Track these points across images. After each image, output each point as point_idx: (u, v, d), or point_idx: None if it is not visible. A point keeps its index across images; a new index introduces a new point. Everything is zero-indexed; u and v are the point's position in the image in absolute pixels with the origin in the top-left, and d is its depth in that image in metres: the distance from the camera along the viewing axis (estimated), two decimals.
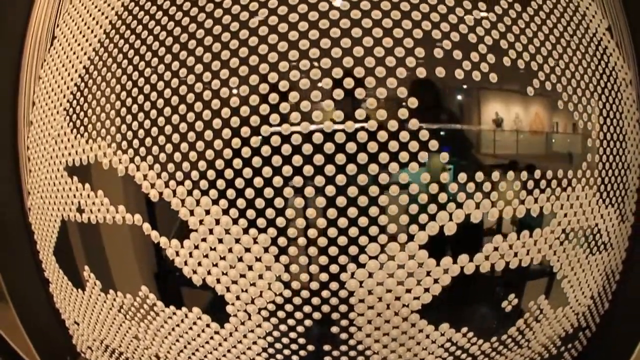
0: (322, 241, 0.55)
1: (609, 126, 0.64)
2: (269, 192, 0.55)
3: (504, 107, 0.56)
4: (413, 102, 0.55)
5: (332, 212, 0.54)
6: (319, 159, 0.52)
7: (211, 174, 0.57)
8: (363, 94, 0.54)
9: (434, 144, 0.55)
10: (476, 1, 0.57)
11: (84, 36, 0.73)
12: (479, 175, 0.54)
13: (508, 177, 0.55)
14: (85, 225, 0.70)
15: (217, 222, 0.58)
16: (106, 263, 0.70)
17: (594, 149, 0.62)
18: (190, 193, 0.58)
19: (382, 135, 0.52)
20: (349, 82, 0.54)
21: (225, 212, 0.57)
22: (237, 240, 0.58)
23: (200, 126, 0.57)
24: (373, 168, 0.52)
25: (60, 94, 0.74)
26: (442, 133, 0.57)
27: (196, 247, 0.60)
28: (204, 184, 0.57)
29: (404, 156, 0.54)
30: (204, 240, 0.59)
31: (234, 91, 0.55)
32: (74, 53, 0.73)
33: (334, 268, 0.56)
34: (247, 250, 0.57)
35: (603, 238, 0.65)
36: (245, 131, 0.55)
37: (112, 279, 0.70)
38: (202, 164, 0.57)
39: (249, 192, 0.55)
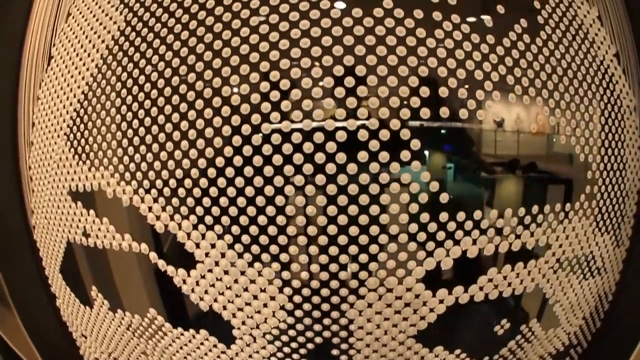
0: (324, 275, 0.59)
1: (610, 156, 0.67)
2: (272, 230, 0.58)
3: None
4: (415, 102, 0.57)
5: (333, 250, 0.57)
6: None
7: (215, 210, 0.59)
8: (365, 91, 0.56)
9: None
10: (484, 34, 0.58)
11: (80, 59, 0.73)
12: (477, 214, 0.57)
13: (506, 213, 0.57)
14: (91, 248, 0.72)
15: (223, 255, 0.61)
16: (114, 285, 0.73)
17: (593, 180, 0.65)
18: (195, 227, 0.61)
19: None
20: (349, 81, 0.56)
21: (231, 246, 0.60)
22: (243, 273, 0.61)
23: (204, 163, 0.59)
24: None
25: (59, 117, 0.75)
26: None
27: (202, 276, 0.63)
28: (209, 219, 0.60)
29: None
30: (210, 271, 0.62)
31: (244, 138, 0.56)
32: (72, 77, 0.74)
33: (335, 299, 0.59)
34: (252, 281, 0.61)
35: (597, 264, 0.69)
36: (248, 171, 0.58)
37: (120, 299, 0.73)
38: (206, 200, 0.60)
39: (253, 229, 0.58)
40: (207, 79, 0.59)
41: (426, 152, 0.57)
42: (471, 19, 0.57)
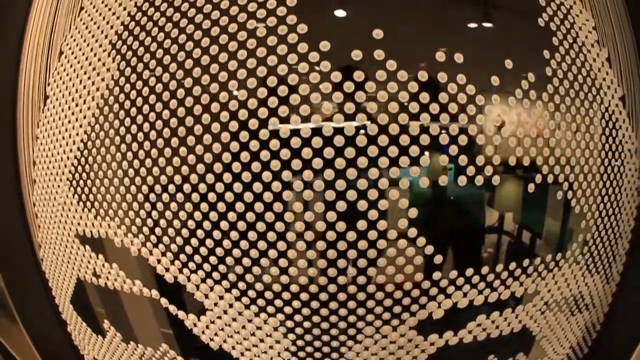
0: (325, 325, 0.65)
1: (606, 203, 0.71)
2: (277, 287, 0.63)
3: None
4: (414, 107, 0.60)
5: (333, 305, 0.63)
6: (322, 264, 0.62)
7: (223, 268, 0.65)
8: (363, 97, 0.59)
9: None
10: (490, 94, 0.61)
11: (76, 105, 0.77)
12: (469, 271, 0.62)
13: (497, 269, 0.63)
14: (102, 288, 0.77)
15: (231, 305, 0.66)
16: (126, 321, 0.78)
17: (587, 229, 0.70)
18: (204, 281, 0.66)
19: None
20: (349, 86, 0.59)
21: (238, 299, 0.66)
22: (250, 321, 0.66)
23: (209, 226, 0.63)
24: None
25: (61, 162, 0.78)
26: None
27: (212, 322, 0.69)
28: (216, 275, 0.65)
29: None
30: (219, 317, 0.68)
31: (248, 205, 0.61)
32: (69, 122, 0.76)
33: (335, 344, 0.66)
34: (259, 328, 0.66)
35: (585, 301, 0.76)
36: (252, 236, 0.63)
37: (132, 333, 0.79)
38: (213, 259, 0.65)
39: (259, 286, 0.64)
40: (214, 132, 0.62)
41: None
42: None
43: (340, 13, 0.65)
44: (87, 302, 0.85)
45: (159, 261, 0.70)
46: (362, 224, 0.60)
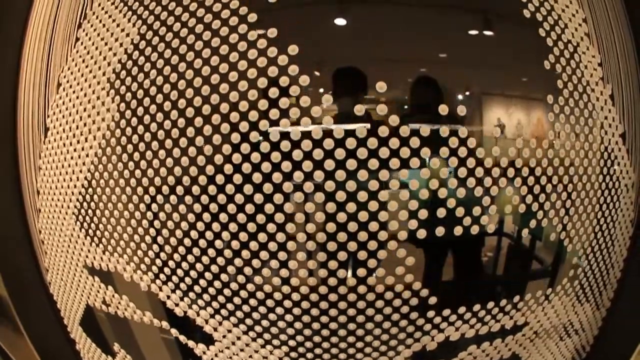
0: (327, 357, 0.69)
1: (599, 239, 0.76)
2: (282, 324, 0.68)
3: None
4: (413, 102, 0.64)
5: (334, 340, 0.68)
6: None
7: (231, 306, 0.70)
8: (363, 94, 0.63)
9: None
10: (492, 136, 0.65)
11: (78, 142, 0.79)
12: (462, 309, 0.67)
13: (488, 306, 0.69)
14: (112, 315, 0.81)
15: (238, 338, 0.71)
16: (137, 346, 0.84)
17: (578, 264, 0.75)
18: (212, 316, 0.71)
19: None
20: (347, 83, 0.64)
21: (245, 332, 0.70)
22: (256, 351, 0.71)
23: (216, 270, 0.67)
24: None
25: (65, 195, 0.81)
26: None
27: (221, 351, 0.74)
28: (224, 312, 0.71)
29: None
30: (227, 348, 0.73)
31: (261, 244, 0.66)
32: (72, 158, 0.79)
33: None
34: (265, 358, 0.71)
35: (575, 327, 0.81)
36: (258, 280, 0.67)
37: (142, 357, 0.84)
38: (221, 299, 0.69)
39: (265, 323, 0.69)
40: (228, 173, 0.64)
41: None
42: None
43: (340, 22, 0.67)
44: (96, 326, 0.89)
45: (168, 297, 0.74)
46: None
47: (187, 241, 0.69)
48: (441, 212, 0.62)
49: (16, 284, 1.03)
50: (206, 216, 0.67)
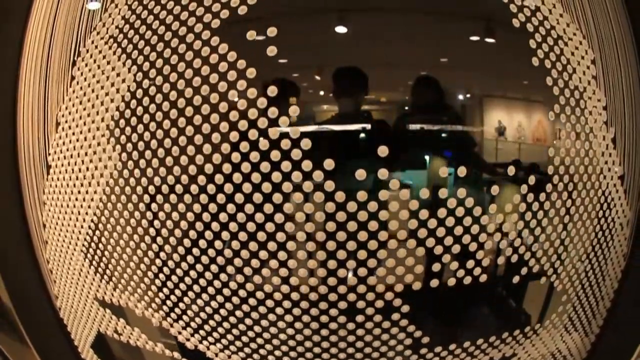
0: None
1: (590, 277, 0.80)
2: (293, 355, 0.73)
3: None
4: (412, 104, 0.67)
5: None
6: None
7: (239, 343, 0.75)
8: (364, 95, 0.66)
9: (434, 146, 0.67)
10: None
11: (82, 185, 0.83)
12: (452, 346, 0.72)
13: (477, 342, 0.74)
14: (124, 343, 0.86)
15: None
16: None
17: (568, 300, 0.79)
18: (222, 350, 0.77)
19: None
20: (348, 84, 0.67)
21: None
22: None
23: (231, 306, 0.73)
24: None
25: (72, 233, 0.85)
26: (443, 135, 0.68)
27: None
28: (233, 348, 0.76)
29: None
30: None
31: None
32: (77, 200, 0.83)
33: None
34: None
35: (563, 354, 0.87)
36: (264, 325, 0.72)
37: None
38: (230, 337, 0.74)
39: (271, 359, 0.73)
40: (233, 230, 0.68)
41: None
42: None
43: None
44: (108, 349, 0.94)
45: (179, 332, 0.79)
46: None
47: (196, 288, 0.73)
48: (436, 267, 0.67)
49: (26, 311, 1.06)
50: (214, 267, 0.71)
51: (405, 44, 0.70)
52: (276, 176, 0.65)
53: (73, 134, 0.82)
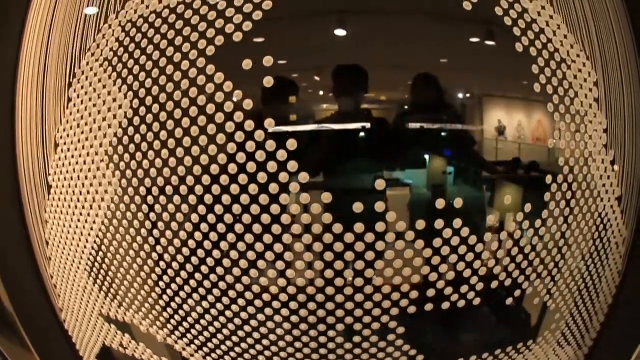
0: None
1: (584, 296, 0.82)
2: None
3: None
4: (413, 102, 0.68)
5: None
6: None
7: (247, 357, 0.76)
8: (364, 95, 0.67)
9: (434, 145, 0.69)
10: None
11: (84, 207, 0.85)
12: None
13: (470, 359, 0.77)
14: (130, 356, 0.90)
15: None
16: None
17: (561, 318, 0.82)
18: None
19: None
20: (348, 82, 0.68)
21: None
22: None
23: (234, 326, 0.76)
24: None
25: (76, 252, 0.88)
26: (443, 134, 0.69)
27: None
28: None
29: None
30: None
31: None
32: (79, 221, 0.85)
33: None
34: None
35: None
36: (273, 338, 0.75)
37: None
38: (233, 354, 0.76)
39: None
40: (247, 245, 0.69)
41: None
42: None
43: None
44: None
45: (184, 349, 0.82)
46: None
47: (200, 309, 0.75)
48: (430, 293, 0.69)
49: (30, 321, 1.09)
50: (222, 285, 0.72)
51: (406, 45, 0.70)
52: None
53: (72, 156, 0.83)
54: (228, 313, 0.74)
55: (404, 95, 0.69)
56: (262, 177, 0.66)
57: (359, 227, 0.65)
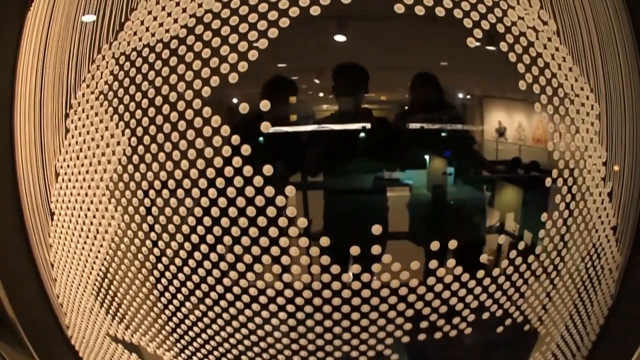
0: None
1: (575, 319, 0.84)
2: None
3: None
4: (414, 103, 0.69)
5: None
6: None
7: None
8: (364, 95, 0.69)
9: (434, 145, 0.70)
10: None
11: (87, 237, 0.88)
12: None
13: None
14: None
15: None
16: None
17: (552, 341, 0.85)
18: None
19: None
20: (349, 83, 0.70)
21: None
22: None
23: (237, 352, 0.79)
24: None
25: (82, 277, 0.92)
26: (443, 134, 0.71)
27: None
28: None
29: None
30: None
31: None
32: (84, 249, 0.87)
33: None
34: None
35: None
36: None
37: None
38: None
39: None
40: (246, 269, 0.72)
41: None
42: None
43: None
44: None
45: None
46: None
47: (208, 333, 0.79)
48: (424, 324, 0.73)
49: (37, 336, 1.12)
50: (232, 310, 0.76)
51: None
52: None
53: (74, 187, 0.85)
54: (238, 336, 0.78)
55: (404, 95, 0.69)
56: (261, 221, 0.69)
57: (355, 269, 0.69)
